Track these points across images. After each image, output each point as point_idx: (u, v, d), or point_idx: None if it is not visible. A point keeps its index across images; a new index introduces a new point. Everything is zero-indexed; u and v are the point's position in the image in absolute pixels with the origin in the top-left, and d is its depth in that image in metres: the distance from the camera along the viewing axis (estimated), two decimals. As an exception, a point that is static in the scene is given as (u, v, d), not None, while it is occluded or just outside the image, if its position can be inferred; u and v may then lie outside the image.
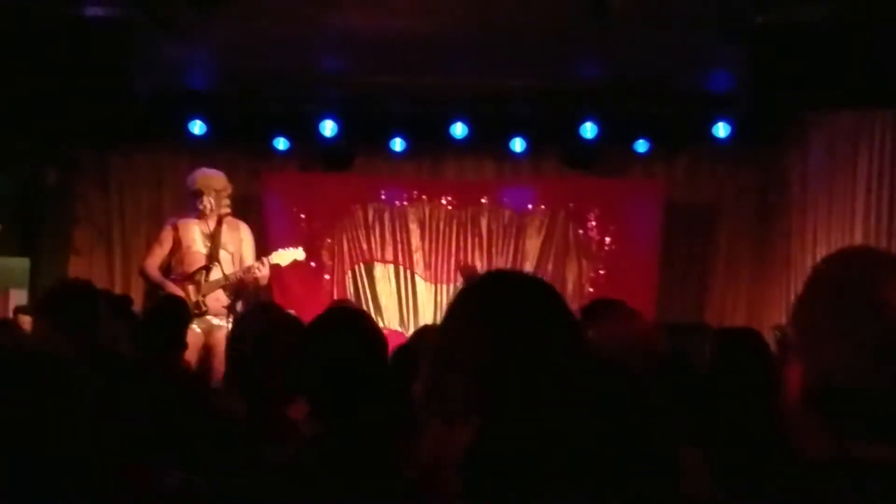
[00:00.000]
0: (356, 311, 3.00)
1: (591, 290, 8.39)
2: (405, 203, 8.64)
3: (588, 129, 8.07)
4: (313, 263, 8.22)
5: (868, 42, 5.89)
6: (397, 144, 8.40)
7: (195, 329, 5.70)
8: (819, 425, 1.42)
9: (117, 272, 8.66)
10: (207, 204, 6.31)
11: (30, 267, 8.31)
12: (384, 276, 8.60)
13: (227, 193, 6.43)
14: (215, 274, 6.24)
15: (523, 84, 7.76)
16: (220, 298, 6.24)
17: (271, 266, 6.37)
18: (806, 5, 5.83)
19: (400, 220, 8.62)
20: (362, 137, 8.32)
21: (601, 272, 8.53)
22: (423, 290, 8.55)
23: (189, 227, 6.34)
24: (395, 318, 8.48)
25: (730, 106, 7.86)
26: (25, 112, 7.00)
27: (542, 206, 8.64)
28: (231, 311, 6.20)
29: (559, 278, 8.38)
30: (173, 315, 4.33)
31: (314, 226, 8.51)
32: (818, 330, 1.44)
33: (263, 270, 6.26)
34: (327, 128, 8.12)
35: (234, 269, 6.28)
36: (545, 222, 8.61)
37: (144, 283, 6.47)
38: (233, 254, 6.36)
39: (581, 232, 8.60)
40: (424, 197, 8.65)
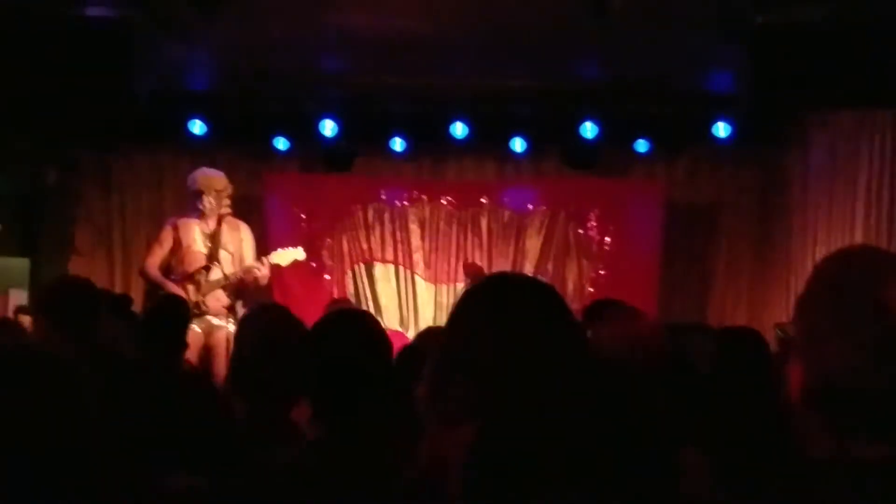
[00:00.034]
0: (359, 311, 3.00)
1: (592, 290, 8.38)
2: (405, 203, 8.63)
3: (588, 129, 8.06)
4: (313, 263, 8.20)
5: (868, 42, 5.89)
6: (397, 144, 8.38)
7: (195, 329, 5.69)
8: (819, 425, 1.42)
9: (117, 272, 8.65)
10: (208, 204, 6.31)
11: (30, 267, 8.31)
12: (384, 276, 8.60)
13: (228, 193, 6.43)
14: (215, 274, 6.24)
15: (523, 84, 7.76)
16: (220, 298, 6.24)
17: (271, 266, 6.36)
18: (806, 5, 5.84)
19: (400, 220, 8.61)
20: (362, 137, 8.31)
21: (602, 272, 8.52)
22: (424, 291, 8.55)
23: (189, 227, 6.34)
24: (395, 318, 8.47)
25: (730, 106, 7.84)
26: (25, 112, 6.98)
27: (543, 207, 8.62)
28: (231, 311, 6.20)
29: (559, 278, 8.37)
30: (173, 315, 4.32)
31: (314, 226, 8.50)
32: (819, 329, 1.44)
33: (263, 270, 6.26)
34: (327, 128, 8.11)
35: (234, 269, 6.27)
36: (545, 222, 8.60)
37: (144, 283, 6.47)
38: (233, 254, 6.35)
39: (581, 232, 8.59)
40: (425, 197, 8.64)
